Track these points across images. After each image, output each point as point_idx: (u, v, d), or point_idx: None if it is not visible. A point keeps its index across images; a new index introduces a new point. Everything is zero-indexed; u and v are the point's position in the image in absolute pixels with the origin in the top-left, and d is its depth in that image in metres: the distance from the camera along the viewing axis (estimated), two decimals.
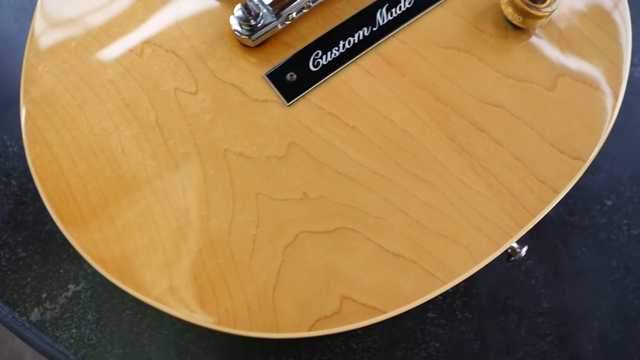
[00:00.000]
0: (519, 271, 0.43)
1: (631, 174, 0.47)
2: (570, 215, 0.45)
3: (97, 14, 0.38)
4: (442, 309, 0.42)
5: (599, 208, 0.45)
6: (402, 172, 0.34)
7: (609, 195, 0.45)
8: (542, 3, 0.36)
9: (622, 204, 0.44)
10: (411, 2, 0.37)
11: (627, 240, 0.44)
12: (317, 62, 0.35)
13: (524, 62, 0.37)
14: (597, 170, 0.47)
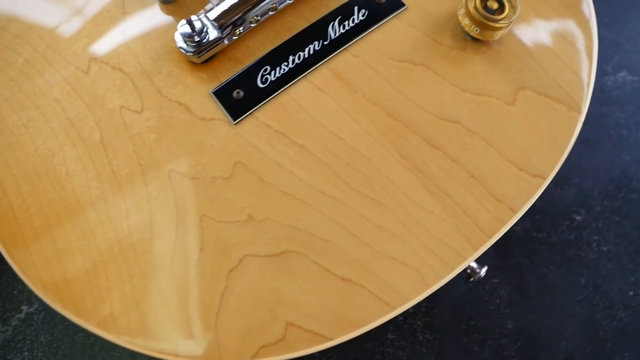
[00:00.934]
0: (483, 290, 0.42)
1: (602, 188, 0.46)
2: (537, 232, 0.44)
3: (44, 31, 0.38)
4: (403, 330, 0.41)
5: (568, 224, 0.44)
6: (351, 192, 0.34)
7: (578, 210, 0.44)
8: (500, 14, 0.36)
9: (592, 219, 0.43)
10: (365, 14, 0.37)
11: (597, 257, 0.43)
12: (265, 79, 0.35)
13: (483, 75, 0.37)
14: (567, 184, 0.46)
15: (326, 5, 0.38)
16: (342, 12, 0.37)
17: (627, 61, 0.60)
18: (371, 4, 0.38)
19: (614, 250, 0.43)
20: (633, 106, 0.56)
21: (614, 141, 0.52)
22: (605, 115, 0.49)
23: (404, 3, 0.38)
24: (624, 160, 0.52)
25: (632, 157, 0.52)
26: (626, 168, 0.51)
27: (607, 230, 0.44)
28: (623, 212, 0.46)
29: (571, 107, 0.37)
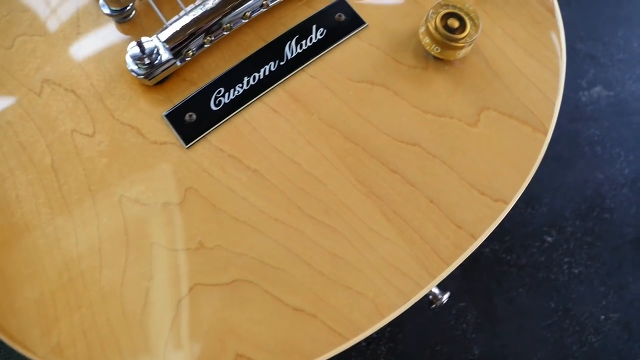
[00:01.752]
0: (449, 314, 0.41)
1: (574, 208, 0.46)
2: (506, 253, 0.44)
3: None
4: (366, 355, 0.41)
5: (538, 245, 0.44)
6: (305, 218, 0.33)
7: (549, 231, 0.44)
8: (461, 32, 0.35)
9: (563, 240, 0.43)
10: (323, 33, 0.36)
11: (568, 280, 0.43)
12: (219, 101, 0.35)
13: (445, 95, 0.36)
14: (538, 203, 0.45)
15: (284, 24, 0.38)
16: (299, 31, 0.37)
17: (602, 76, 0.60)
18: (330, 22, 0.38)
19: (585, 273, 0.43)
20: (608, 122, 0.55)
21: (587, 159, 0.51)
22: (579, 132, 0.48)
23: (365, 21, 0.38)
24: (597, 179, 0.51)
25: (605, 175, 0.52)
26: (599, 186, 0.50)
27: (579, 251, 0.44)
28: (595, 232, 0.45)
29: (536, 128, 0.36)
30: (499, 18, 0.39)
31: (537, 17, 0.40)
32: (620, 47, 0.62)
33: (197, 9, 0.35)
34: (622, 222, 0.47)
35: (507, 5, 0.40)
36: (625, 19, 0.64)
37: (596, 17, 0.63)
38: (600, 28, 0.62)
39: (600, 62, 0.61)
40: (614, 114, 0.57)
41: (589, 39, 0.61)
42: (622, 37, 0.63)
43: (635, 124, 0.56)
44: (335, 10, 0.38)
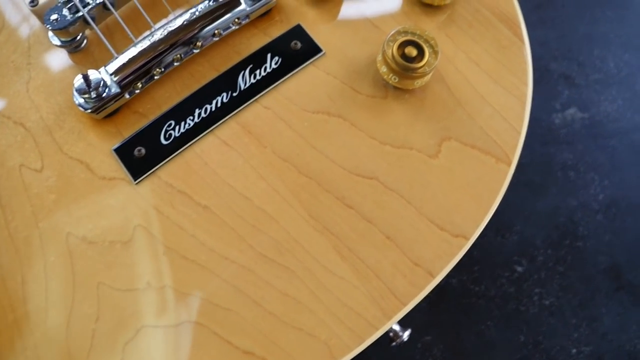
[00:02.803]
0: (415, 348, 0.41)
1: (546, 235, 0.45)
2: (475, 284, 0.43)
3: None
4: None
5: (508, 275, 0.43)
6: (257, 257, 0.33)
7: (519, 260, 0.43)
8: (420, 61, 0.35)
9: (534, 269, 0.42)
10: (278, 62, 0.36)
11: (538, 311, 0.42)
12: (169, 134, 0.35)
13: (404, 126, 0.36)
14: (508, 231, 0.45)
15: (238, 53, 0.37)
16: (254, 60, 0.37)
17: (577, 97, 0.59)
18: (286, 50, 0.37)
19: (556, 304, 0.42)
20: (582, 145, 0.54)
21: (560, 184, 0.50)
22: (552, 156, 0.48)
23: (322, 48, 0.38)
24: (570, 205, 0.50)
25: (579, 202, 0.51)
26: (572, 213, 0.49)
27: (550, 282, 0.43)
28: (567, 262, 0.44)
29: (500, 159, 0.36)
30: (463, 43, 0.39)
31: (503, 41, 0.39)
32: (595, 66, 0.62)
33: (145, 40, 0.35)
34: (595, 251, 0.46)
35: (471, 28, 0.39)
36: (601, 38, 0.63)
37: (571, 36, 0.62)
38: (576, 47, 0.62)
39: (575, 82, 0.60)
40: (588, 137, 0.56)
41: (564, 59, 0.60)
42: (598, 56, 0.63)
43: (610, 147, 0.55)
44: (291, 38, 0.38)
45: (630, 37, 0.64)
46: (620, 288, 0.44)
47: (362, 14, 0.39)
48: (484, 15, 0.40)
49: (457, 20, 0.40)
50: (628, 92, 0.61)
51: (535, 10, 0.66)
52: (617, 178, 0.53)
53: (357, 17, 0.39)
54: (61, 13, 0.36)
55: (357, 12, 0.40)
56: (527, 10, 0.72)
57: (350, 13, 0.40)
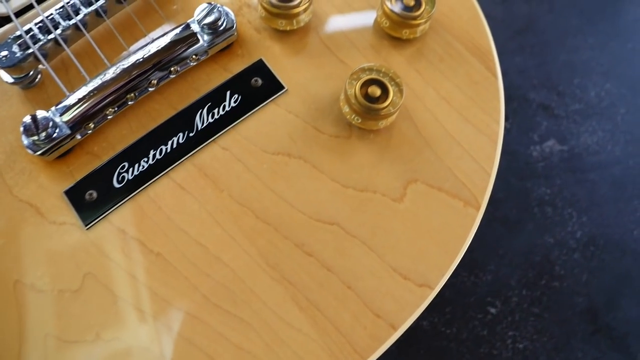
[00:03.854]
0: None
1: (521, 275, 0.44)
2: (446, 327, 0.42)
3: None
4: None
5: (481, 317, 0.42)
6: (210, 307, 0.32)
7: (493, 302, 0.42)
8: (384, 101, 0.34)
9: (508, 311, 0.41)
10: (238, 100, 0.35)
11: (512, 355, 0.41)
12: (122, 177, 0.34)
13: (369, 168, 0.35)
14: (482, 271, 0.44)
15: (196, 90, 0.37)
16: (212, 98, 0.36)
17: (556, 128, 0.58)
18: (246, 87, 0.36)
19: (530, 348, 0.41)
20: (560, 180, 0.53)
21: (537, 221, 0.49)
22: (529, 191, 0.47)
23: (284, 85, 0.37)
24: (546, 243, 0.49)
25: (556, 240, 0.50)
26: (549, 252, 0.48)
27: (525, 324, 0.42)
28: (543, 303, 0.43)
29: (468, 203, 0.35)
30: (433, 78, 0.38)
31: (475, 76, 0.38)
32: (576, 96, 0.60)
33: (97, 79, 0.34)
34: (572, 292, 0.45)
35: (442, 63, 0.38)
36: (582, 66, 0.62)
37: (551, 64, 0.61)
38: (555, 75, 0.60)
39: (554, 113, 0.59)
40: (567, 171, 0.55)
41: (543, 88, 0.59)
42: (579, 85, 0.61)
43: (590, 182, 0.54)
44: (252, 74, 0.37)
45: (612, 65, 0.63)
46: (597, 331, 0.43)
47: (327, 48, 0.39)
48: (455, 49, 0.39)
49: (427, 53, 0.39)
50: (609, 124, 0.60)
51: (515, 36, 0.64)
52: (595, 214, 0.52)
53: (322, 52, 0.38)
54: (11, 50, 0.35)
55: (322, 46, 0.39)
56: (506, 37, 0.71)
57: (315, 47, 0.39)
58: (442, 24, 0.40)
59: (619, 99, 0.61)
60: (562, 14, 0.65)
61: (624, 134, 0.58)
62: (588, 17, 0.64)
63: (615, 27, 0.64)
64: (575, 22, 0.65)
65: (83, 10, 0.36)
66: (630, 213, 0.50)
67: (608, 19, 0.65)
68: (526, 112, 0.58)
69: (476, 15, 0.41)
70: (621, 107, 0.60)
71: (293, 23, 0.38)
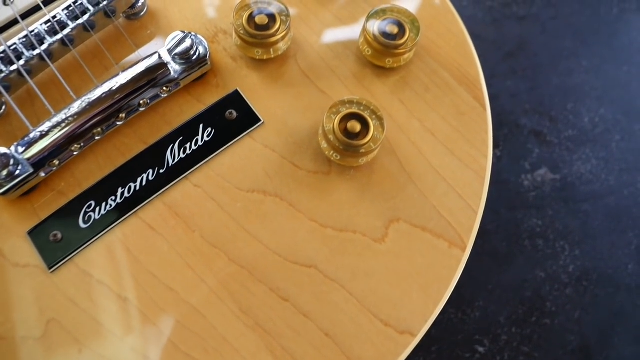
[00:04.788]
0: None
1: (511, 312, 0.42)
2: None
3: None
4: None
5: (469, 356, 0.41)
6: (181, 357, 0.32)
7: (481, 340, 0.41)
8: (364, 137, 0.32)
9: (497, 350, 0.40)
10: (211, 134, 0.34)
11: None
12: (88, 217, 0.33)
13: (349, 206, 0.34)
14: (470, 307, 0.42)
15: (168, 123, 0.35)
16: (184, 132, 0.35)
17: (548, 156, 0.56)
18: (220, 120, 0.35)
19: None
20: (552, 211, 0.52)
21: (527, 254, 0.48)
22: (520, 222, 0.45)
23: (260, 118, 0.35)
24: (537, 278, 0.48)
25: (547, 274, 0.48)
26: (540, 287, 0.47)
27: None
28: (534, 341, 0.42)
29: (454, 243, 0.34)
30: (418, 109, 0.37)
31: (462, 107, 0.37)
32: (569, 122, 0.59)
33: (61, 113, 0.33)
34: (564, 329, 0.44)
35: (428, 92, 0.37)
36: (575, 90, 0.61)
37: (544, 88, 0.60)
38: (548, 100, 0.59)
39: (547, 139, 0.57)
40: (559, 201, 0.53)
41: (535, 113, 0.57)
42: (572, 110, 0.60)
43: (582, 212, 0.52)
44: (227, 106, 0.36)
45: (607, 89, 0.61)
46: None
47: (306, 77, 0.37)
48: (441, 77, 0.38)
49: (412, 82, 0.37)
50: (603, 151, 0.58)
51: (506, 58, 0.63)
52: (588, 247, 0.51)
53: (301, 81, 0.37)
54: None
55: (301, 76, 0.37)
56: (496, 59, 0.70)
57: (293, 76, 0.37)
58: (428, 50, 0.39)
59: (613, 125, 0.59)
60: (555, 35, 0.64)
61: (619, 162, 0.57)
62: (582, 39, 0.63)
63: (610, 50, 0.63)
64: (568, 44, 0.64)
65: (48, 39, 0.35)
66: (625, 246, 0.49)
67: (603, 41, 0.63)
68: (517, 138, 0.57)
69: (464, 41, 0.39)
70: (616, 133, 0.58)
71: (270, 52, 0.36)
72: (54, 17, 0.35)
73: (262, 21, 0.36)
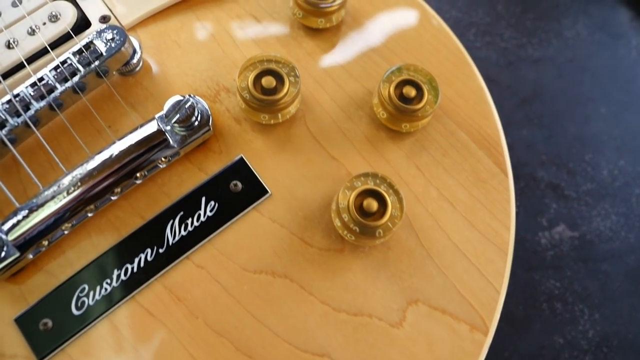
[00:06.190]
0: None
1: None
2: None
3: None
4: None
5: None
6: None
7: None
8: (381, 216, 0.30)
9: None
10: (214, 208, 0.32)
11: None
12: (81, 302, 0.30)
13: (364, 287, 0.32)
14: None
15: (167, 194, 0.33)
16: (185, 206, 0.33)
17: (566, 211, 0.54)
18: (225, 192, 0.33)
19: None
20: (570, 271, 0.50)
21: (545, 318, 0.46)
22: (537, 284, 0.43)
23: (267, 189, 0.33)
24: (555, 344, 0.46)
25: (566, 340, 0.47)
26: (558, 354, 0.45)
27: None
28: None
29: (475, 326, 0.32)
30: (436, 176, 0.35)
31: (482, 173, 0.35)
32: (587, 174, 0.57)
33: (49, 190, 0.30)
34: None
35: (446, 157, 0.35)
36: (593, 139, 0.59)
37: (561, 137, 0.58)
38: (565, 150, 0.57)
39: (564, 194, 0.55)
40: (577, 261, 0.52)
41: (552, 165, 0.56)
42: (590, 162, 0.58)
43: (602, 273, 0.51)
44: (231, 176, 0.33)
45: (626, 139, 0.59)
46: None
47: (317, 142, 0.35)
48: (460, 140, 0.36)
49: (429, 146, 0.35)
50: (622, 206, 0.57)
51: (521, 105, 0.60)
52: (608, 310, 0.49)
53: (311, 146, 0.35)
54: None
55: (311, 140, 0.35)
56: (512, 105, 0.67)
57: (303, 141, 0.35)
58: (445, 109, 0.37)
59: (633, 178, 0.57)
60: (571, 80, 0.62)
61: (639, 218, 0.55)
62: (600, 84, 0.61)
63: (628, 95, 0.61)
64: (585, 89, 0.62)
65: (34, 105, 0.32)
66: None
67: (621, 86, 0.61)
68: (534, 192, 0.55)
69: (483, 99, 0.37)
70: (636, 187, 0.57)
71: (278, 117, 0.34)
72: (40, 80, 0.33)
73: (269, 84, 0.33)
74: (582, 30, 0.64)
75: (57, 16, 0.35)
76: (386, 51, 0.39)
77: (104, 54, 0.33)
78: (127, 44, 0.34)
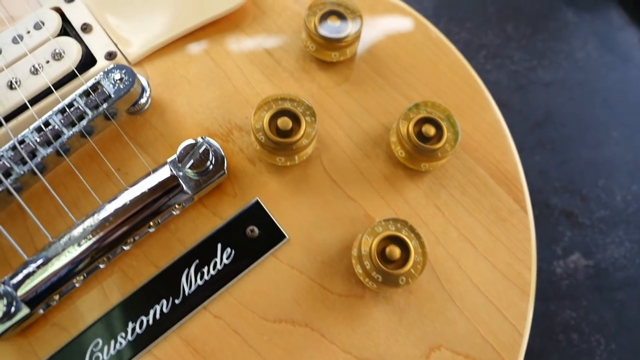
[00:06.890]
0: None
1: None
2: None
3: None
4: None
5: None
6: None
7: None
8: (403, 263, 0.30)
9: None
10: (231, 255, 0.31)
11: None
12: (95, 357, 0.29)
13: (385, 333, 0.31)
14: None
15: (181, 241, 0.32)
16: (201, 253, 0.32)
17: (580, 239, 0.54)
18: (241, 238, 0.32)
19: None
20: (586, 301, 0.50)
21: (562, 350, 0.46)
22: (553, 315, 0.43)
23: (285, 234, 0.32)
24: None
25: None
26: None
27: None
28: None
29: None
30: (455, 216, 0.34)
31: (502, 211, 0.34)
32: (601, 201, 0.57)
33: (59, 243, 0.29)
34: None
35: (465, 195, 0.35)
36: (606, 164, 0.59)
37: (573, 162, 0.57)
38: (578, 176, 0.57)
39: (578, 221, 0.55)
40: (593, 290, 0.52)
41: (565, 191, 0.55)
42: (604, 188, 0.58)
43: (618, 302, 0.51)
44: (247, 221, 0.32)
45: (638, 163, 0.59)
46: None
47: (334, 182, 0.34)
48: (479, 176, 0.35)
49: (447, 184, 0.35)
50: (636, 233, 0.57)
51: (533, 129, 0.60)
52: (625, 340, 0.50)
53: (328, 187, 0.34)
54: None
55: (327, 180, 0.34)
56: (524, 130, 0.67)
57: (319, 181, 0.34)
58: (462, 144, 0.36)
59: None
60: (583, 103, 0.62)
61: None
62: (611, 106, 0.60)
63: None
64: (597, 113, 0.62)
65: (41, 151, 0.31)
66: None
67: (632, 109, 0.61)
68: (548, 220, 0.55)
69: (500, 133, 0.37)
70: None
71: (295, 159, 0.33)
72: (46, 125, 0.31)
73: (285, 125, 0.32)
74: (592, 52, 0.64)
75: (61, 54, 0.34)
76: (401, 84, 0.38)
77: (112, 96, 0.32)
78: (136, 83, 0.33)
